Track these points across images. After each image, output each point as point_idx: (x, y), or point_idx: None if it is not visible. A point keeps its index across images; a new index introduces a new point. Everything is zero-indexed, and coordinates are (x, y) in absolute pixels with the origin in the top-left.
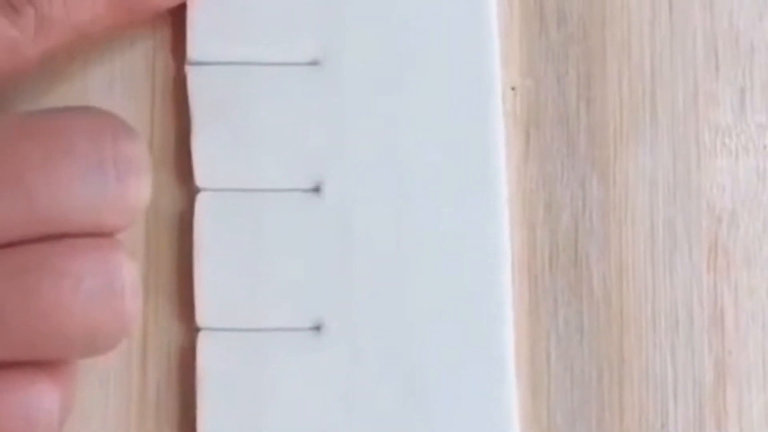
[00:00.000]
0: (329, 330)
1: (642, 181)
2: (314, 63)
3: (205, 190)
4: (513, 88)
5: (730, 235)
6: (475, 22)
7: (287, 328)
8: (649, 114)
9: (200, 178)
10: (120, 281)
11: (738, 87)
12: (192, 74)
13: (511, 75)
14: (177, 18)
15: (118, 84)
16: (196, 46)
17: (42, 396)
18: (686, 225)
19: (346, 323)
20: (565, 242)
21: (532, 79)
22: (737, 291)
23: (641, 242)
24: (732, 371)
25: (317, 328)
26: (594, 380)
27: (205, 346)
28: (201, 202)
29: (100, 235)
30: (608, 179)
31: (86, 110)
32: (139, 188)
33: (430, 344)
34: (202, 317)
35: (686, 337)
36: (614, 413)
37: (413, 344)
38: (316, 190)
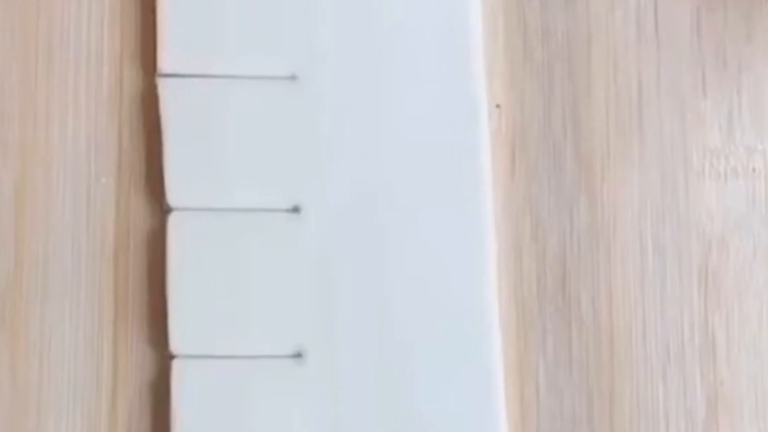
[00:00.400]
0: (311, 357)
1: (630, 205)
2: (292, 77)
3: (177, 209)
4: (498, 106)
5: (721, 261)
6: (458, 38)
7: (267, 356)
8: (636, 135)
9: (172, 197)
10: None
11: (726, 109)
12: (163, 87)
13: (496, 92)
14: (146, 27)
15: (83, 97)
16: (167, 57)
17: None
18: (676, 250)
19: (328, 350)
20: (552, 267)
21: (517, 97)
22: (728, 318)
23: (630, 267)
24: (725, 401)
25: (298, 355)
26: (584, 411)
27: (179, 375)
28: (173, 223)
29: None
30: (596, 202)
31: None
32: None
33: (414, 373)
34: (176, 344)
35: (678, 367)
36: None
37: (397, 373)
38: (295, 210)
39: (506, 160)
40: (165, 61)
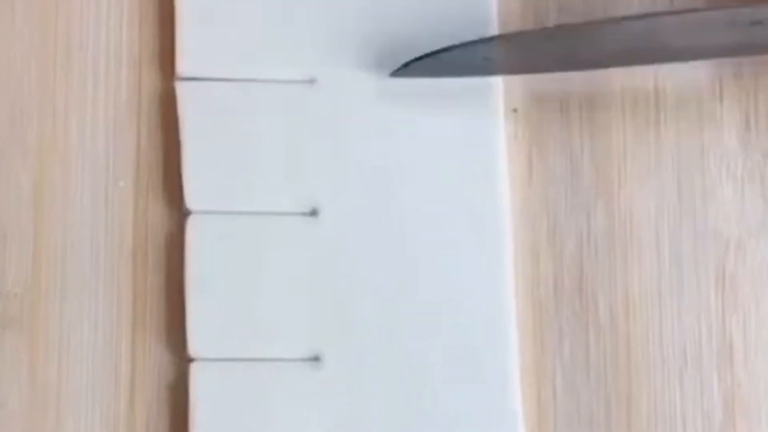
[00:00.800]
0: (328, 361)
1: (647, 209)
2: (311, 81)
3: (195, 213)
4: (515, 110)
5: (738, 265)
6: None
7: (285, 359)
8: (653, 139)
9: (190, 200)
10: None
11: (743, 113)
12: (181, 90)
13: (513, 96)
14: (164, 31)
15: (101, 100)
16: (185, 60)
17: None
18: (693, 254)
19: (346, 354)
20: (569, 271)
21: (534, 101)
22: (746, 322)
23: (647, 271)
24: (742, 405)
25: (316, 359)
26: (602, 414)
27: (198, 378)
28: (192, 226)
29: None
30: (613, 206)
31: None
32: None
33: (431, 375)
34: (194, 347)
35: (695, 370)
36: None
37: (414, 375)
38: (313, 213)
39: (523, 165)
40: (183, 65)
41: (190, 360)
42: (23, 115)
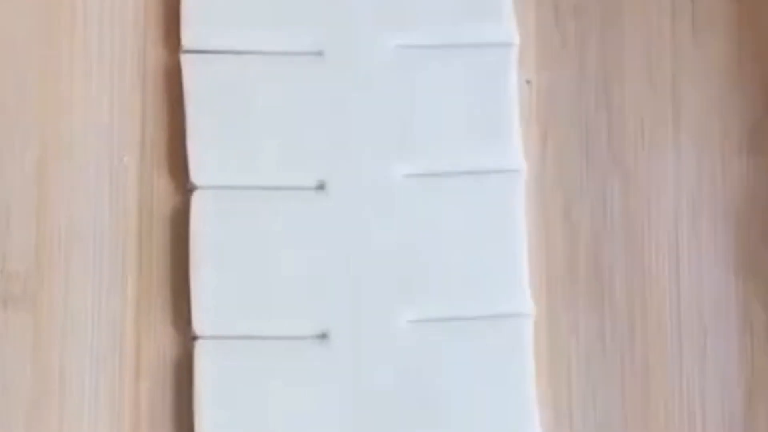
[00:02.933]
0: (335, 338)
1: (664, 182)
2: (318, 53)
3: (200, 188)
4: (528, 81)
5: (760, 242)
6: (490, 5)
7: (291, 336)
8: (671, 112)
9: (195, 175)
10: None
11: (764, 83)
12: (186, 64)
13: (527, 67)
14: (170, 4)
15: (106, 75)
16: (190, 33)
17: None
18: (712, 231)
19: (353, 331)
20: (584, 247)
21: (549, 73)
22: (766, 299)
23: (665, 249)
24: (764, 383)
25: (323, 336)
26: (617, 396)
27: (202, 356)
28: (197, 201)
29: None
30: (629, 180)
31: None
32: None
33: (439, 351)
34: (199, 325)
35: (715, 349)
36: (638, 428)
37: (421, 351)
38: (320, 187)
39: (538, 137)
40: (189, 37)
41: (195, 338)
42: (27, 91)
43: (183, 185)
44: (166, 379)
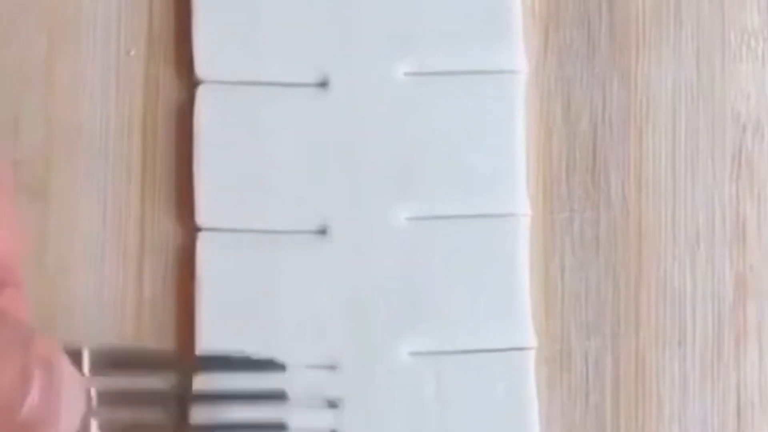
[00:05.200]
0: (335, 232)
1: (664, 86)
2: None
3: (205, 82)
4: None
5: (755, 146)
6: None
7: (292, 231)
8: (673, 15)
9: (201, 69)
10: None
11: None
12: None
13: None
14: None
15: None
16: None
17: None
18: (709, 133)
19: (352, 225)
20: (582, 148)
21: None
22: (760, 204)
23: (662, 150)
24: (753, 286)
25: (322, 231)
26: (610, 293)
27: (205, 247)
28: (201, 95)
29: None
30: (629, 83)
31: None
32: None
33: (437, 248)
34: (202, 217)
35: (706, 250)
36: (630, 327)
37: (420, 243)
38: (323, 84)
39: (539, 39)
40: None
41: (198, 230)
42: None
43: (189, 79)
44: (168, 270)
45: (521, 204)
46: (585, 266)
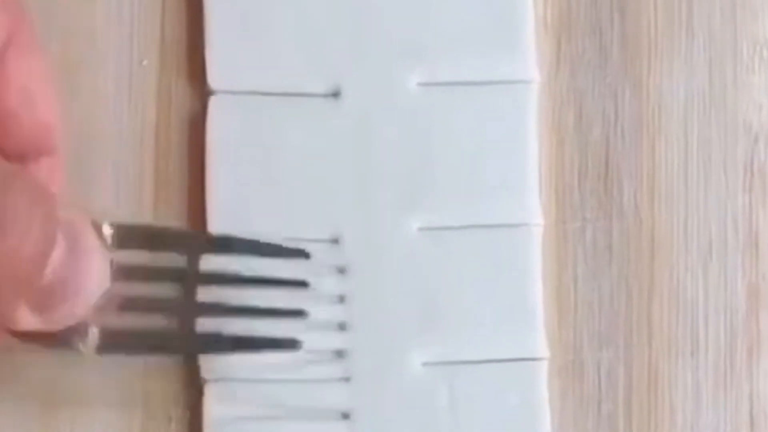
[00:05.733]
0: (347, 243)
1: (676, 96)
2: None
3: (218, 92)
4: None
5: (767, 156)
6: None
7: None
8: (685, 25)
9: (213, 80)
10: None
11: None
12: None
13: None
14: None
15: None
16: None
17: None
18: (721, 143)
19: (364, 236)
20: (595, 157)
21: None
22: None
23: (674, 159)
24: (766, 296)
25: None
26: (623, 303)
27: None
28: (214, 106)
29: None
30: (641, 93)
31: None
32: None
33: (449, 258)
34: (214, 227)
35: (719, 260)
36: (642, 337)
37: (432, 258)
38: (336, 94)
39: (551, 49)
40: None
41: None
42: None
43: (202, 90)
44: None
45: (534, 214)
46: (597, 276)
